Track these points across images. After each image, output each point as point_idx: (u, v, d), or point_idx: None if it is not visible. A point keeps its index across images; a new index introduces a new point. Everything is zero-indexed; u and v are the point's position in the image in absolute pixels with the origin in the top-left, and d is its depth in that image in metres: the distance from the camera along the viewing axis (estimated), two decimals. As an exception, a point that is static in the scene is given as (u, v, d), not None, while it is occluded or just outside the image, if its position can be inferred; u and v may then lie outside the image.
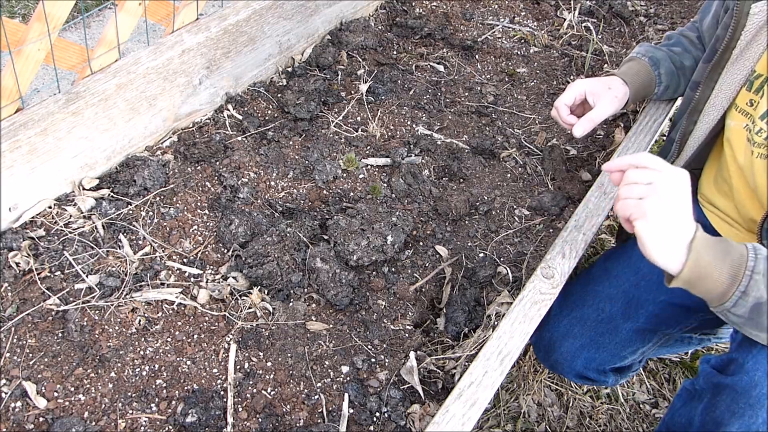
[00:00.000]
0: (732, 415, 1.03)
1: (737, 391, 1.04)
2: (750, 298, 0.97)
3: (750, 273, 0.97)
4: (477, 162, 1.54)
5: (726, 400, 1.05)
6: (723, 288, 0.99)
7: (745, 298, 0.98)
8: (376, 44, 1.83)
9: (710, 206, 1.36)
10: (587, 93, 1.40)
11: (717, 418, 1.05)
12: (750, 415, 1.02)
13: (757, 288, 0.97)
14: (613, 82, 1.42)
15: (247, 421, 1.06)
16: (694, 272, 1.00)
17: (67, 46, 1.28)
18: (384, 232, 1.28)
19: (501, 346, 1.06)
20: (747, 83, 1.19)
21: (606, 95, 1.39)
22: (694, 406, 1.12)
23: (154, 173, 1.36)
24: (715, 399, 1.07)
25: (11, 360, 1.08)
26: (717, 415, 1.05)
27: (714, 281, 0.99)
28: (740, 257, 1.00)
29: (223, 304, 1.20)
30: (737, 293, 0.98)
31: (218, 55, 1.51)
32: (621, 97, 1.40)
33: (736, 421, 1.02)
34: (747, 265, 0.98)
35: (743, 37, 1.18)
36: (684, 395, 1.17)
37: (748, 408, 1.02)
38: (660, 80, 1.48)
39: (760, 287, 0.97)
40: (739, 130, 1.21)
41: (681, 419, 1.14)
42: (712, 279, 0.99)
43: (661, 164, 1.03)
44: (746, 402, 1.02)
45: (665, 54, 1.49)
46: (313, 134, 1.56)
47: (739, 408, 1.03)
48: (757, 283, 0.97)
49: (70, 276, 1.19)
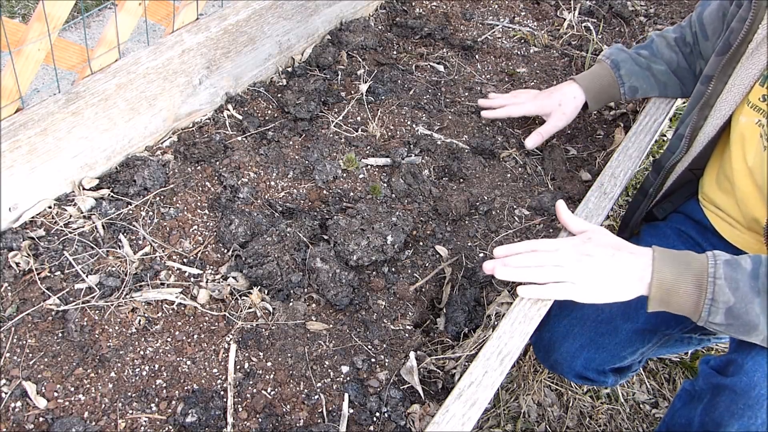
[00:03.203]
0: (731, 416, 1.04)
1: (736, 392, 1.04)
2: (720, 304, 0.98)
3: (713, 279, 0.99)
4: (477, 162, 1.54)
5: (725, 400, 1.05)
6: (693, 299, 1.01)
7: (715, 305, 0.99)
8: (376, 44, 1.83)
9: (711, 206, 1.36)
10: (539, 114, 1.58)
11: (716, 419, 1.05)
12: (749, 415, 1.02)
13: (722, 293, 0.98)
14: (564, 97, 1.54)
15: (247, 421, 1.06)
16: (661, 291, 1.02)
17: (67, 46, 1.28)
18: (384, 232, 1.28)
19: (501, 346, 1.06)
20: (761, 78, 1.17)
21: (556, 112, 1.54)
22: (693, 407, 1.12)
23: (154, 173, 1.36)
24: (715, 400, 1.07)
25: (11, 360, 1.08)
26: (716, 415, 1.06)
27: (683, 295, 1.01)
28: (701, 266, 1.01)
29: (223, 304, 1.20)
30: (707, 302, 0.99)
31: (218, 55, 1.51)
32: (570, 113, 1.54)
33: (735, 422, 1.03)
34: (708, 272, 1.00)
35: (760, 30, 1.16)
36: (684, 396, 1.17)
37: (748, 409, 1.02)
38: (622, 81, 1.51)
39: (725, 291, 0.98)
40: (751, 126, 1.19)
41: (681, 420, 1.14)
42: (680, 293, 1.01)
43: (554, 242, 1.08)
44: (745, 403, 1.03)
45: (628, 56, 1.53)
46: (313, 134, 1.56)
47: (739, 409, 1.03)
48: (722, 288, 0.98)
49: (70, 276, 1.19)
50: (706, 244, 1.35)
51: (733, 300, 0.98)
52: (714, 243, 1.34)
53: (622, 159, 1.42)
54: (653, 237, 1.42)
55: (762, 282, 0.97)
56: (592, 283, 1.04)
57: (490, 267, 1.08)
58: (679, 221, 1.42)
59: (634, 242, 1.46)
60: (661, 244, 1.39)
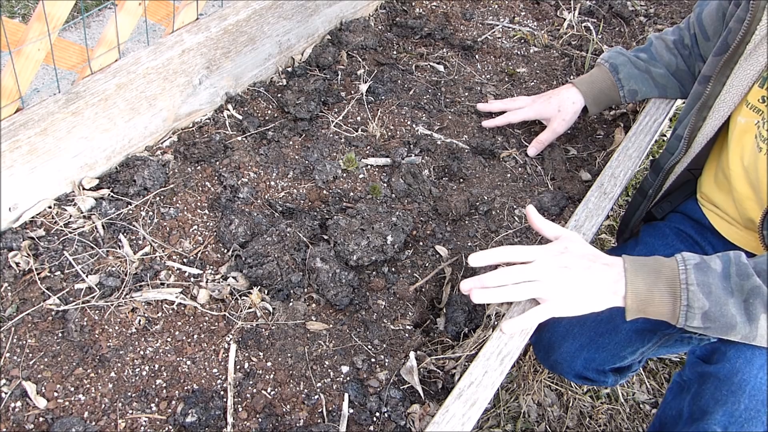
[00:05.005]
0: (716, 403, 1.04)
1: (720, 379, 1.05)
2: (695, 309, 0.98)
3: (685, 286, 0.99)
4: (477, 162, 1.54)
5: (710, 388, 1.06)
6: (669, 307, 1.01)
7: (691, 311, 0.99)
8: (376, 44, 1.83)
9: (710, 205, 1.36)
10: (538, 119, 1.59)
11: (703, 407, 1.06)
12: (732, 401, 1.03)
13: (697, 299, 0.98)
14: (563, 102, 1.54)
15: (247, 421, 1.06)
16: (636, 301, 1.02)
17: (67, 46, 1.28)
18: (384, 232, 1.28)
19: (501, 346, 1.06)
20: (760, 79, 1.17)
21: (555, 118, 1.54)
22: (683, 398, 1.13)
23: (154, 173, 1.36)
24: (701, 388, 1.08)
25: (11, 360, 1.08)
26: (702, 403, 1.07)
27: (658, 304, 1.01)
28: (672, 272, 1.01)
29: (223, 304, 1.20)
30: (682, 308, 0.99)
31: (218, 55, 1.51)
32: (570, 118, 1.55)
33: (720, 409, 1.04)
34: (680, 278, 1.00)
35: (758, 31, 1.15)
36: (674, 388, 1.18)
37: (731, 395, 1.03)
38: (621, 84, 1.52)
39: (699, 297, 0.98)
40: (750, 127, 1.19)
41: (672, 412, 1.15)
42: (655, 302, 1.02)
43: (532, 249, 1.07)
44: (728, 389, 1.03)
45: (627, 59, 1.53)
46: (313, 134, 1.56)
47: (723, 395, 1.04)
48: (695, 294, 0.98)
49: (70, 276, 1.19)
50: (705, 243, 1.35)
51: (707, 305, 0.97)
52: (713, 241, 1.34)
53: (622, 159, 1.42)
54: (652, 237, 1.42)
55: (734, 281, 0.97)
56: (568, 297, 1.03)
57: (467, 289, 1.05)
58: (678, 221, 1.42)
59: (634, 242, 1.46)
60: (660, 244, 1.39)
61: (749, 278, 0.97)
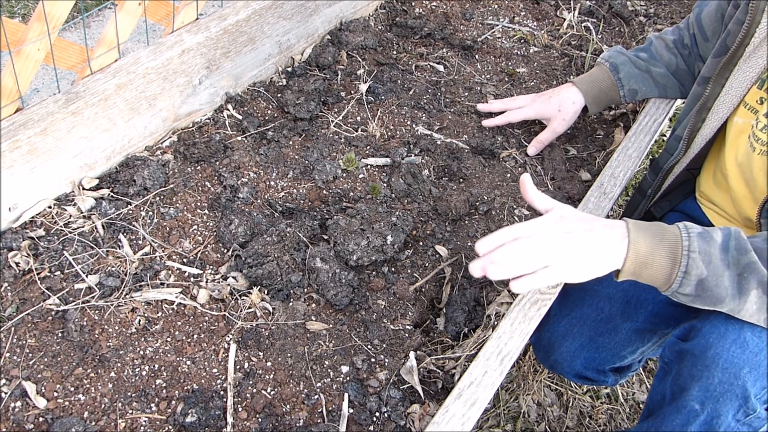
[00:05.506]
0: (692, 379, 1.06)
1: (695, 355, 1.06)
2: (692, 276, 0.99)
3: (687, 252, 0.99)
4: (477, 162, 1.54)
5: (687, 365, 1.07)
6: (666, 272, 1.01)
7: (687, 278, 0.99)
8: (376, 44, 1.83)
9: (709, 203, 1.36)
10: (538, 118, 1.59)
11: (682, 385, 1.07)
12: (707, 375, 1.04)
13: (696, 266, 0.99)
14: (564, 102, 1.54)
15: (247, 421, 1.06)
16: (635, 263, 1.02)
17: (67, 46, 1.28)
18: (384, 232, 1.28)
19: (501, 346, 1.07)
20: (759, 81, 1.17)
21: (555, 118, 1.54)
22: (665, 381, 1.13)
23: (154, 173, 1.36)
24: (680, 367, 1.10)
25: (11, 360, 1.08)
26: (681, 381, 1.08)
27: (657, 267, 1.01)
28: (675, 238, 1.01)
29: (222, 304, 1.20)
30: (680, 274, 1.00)
31: (218, 55, 1.51)
32: (570, 118, 1.55)
33: (696, 384, 1.05)
34: (682, 245, 1.00)
35: (757, 33, 1.16)
36: (659, 373, 1.18)
37: (705, 369, 1.04)
38: (621, 84, 1.52)
39: (699, 265, 0.99)
40: (746, 127, 1.19)
41: (657, 396, 1.16)
42: (654, 265, 1.01)
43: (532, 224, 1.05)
44: (702, 363, 1.04)
45: (627, 59, 1.53)
46: (313, 134, 1.56)
47: (698, 371, 1.05)
48: (696, 262, 0.99)
49: (70, 276, 1.19)
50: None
51: (705, 273, 0.98)
52: None
53: (621, 159, 1.42)
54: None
55: (732, 255, 0.98)
56: (575, 260, 1.01)
57: (478, 268, 1.03)
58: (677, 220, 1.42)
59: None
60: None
61: (747, 253, 0.98)
